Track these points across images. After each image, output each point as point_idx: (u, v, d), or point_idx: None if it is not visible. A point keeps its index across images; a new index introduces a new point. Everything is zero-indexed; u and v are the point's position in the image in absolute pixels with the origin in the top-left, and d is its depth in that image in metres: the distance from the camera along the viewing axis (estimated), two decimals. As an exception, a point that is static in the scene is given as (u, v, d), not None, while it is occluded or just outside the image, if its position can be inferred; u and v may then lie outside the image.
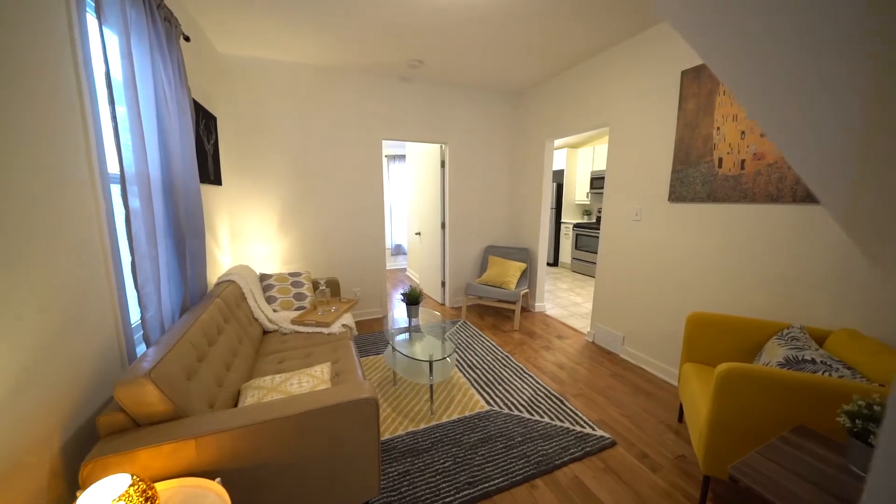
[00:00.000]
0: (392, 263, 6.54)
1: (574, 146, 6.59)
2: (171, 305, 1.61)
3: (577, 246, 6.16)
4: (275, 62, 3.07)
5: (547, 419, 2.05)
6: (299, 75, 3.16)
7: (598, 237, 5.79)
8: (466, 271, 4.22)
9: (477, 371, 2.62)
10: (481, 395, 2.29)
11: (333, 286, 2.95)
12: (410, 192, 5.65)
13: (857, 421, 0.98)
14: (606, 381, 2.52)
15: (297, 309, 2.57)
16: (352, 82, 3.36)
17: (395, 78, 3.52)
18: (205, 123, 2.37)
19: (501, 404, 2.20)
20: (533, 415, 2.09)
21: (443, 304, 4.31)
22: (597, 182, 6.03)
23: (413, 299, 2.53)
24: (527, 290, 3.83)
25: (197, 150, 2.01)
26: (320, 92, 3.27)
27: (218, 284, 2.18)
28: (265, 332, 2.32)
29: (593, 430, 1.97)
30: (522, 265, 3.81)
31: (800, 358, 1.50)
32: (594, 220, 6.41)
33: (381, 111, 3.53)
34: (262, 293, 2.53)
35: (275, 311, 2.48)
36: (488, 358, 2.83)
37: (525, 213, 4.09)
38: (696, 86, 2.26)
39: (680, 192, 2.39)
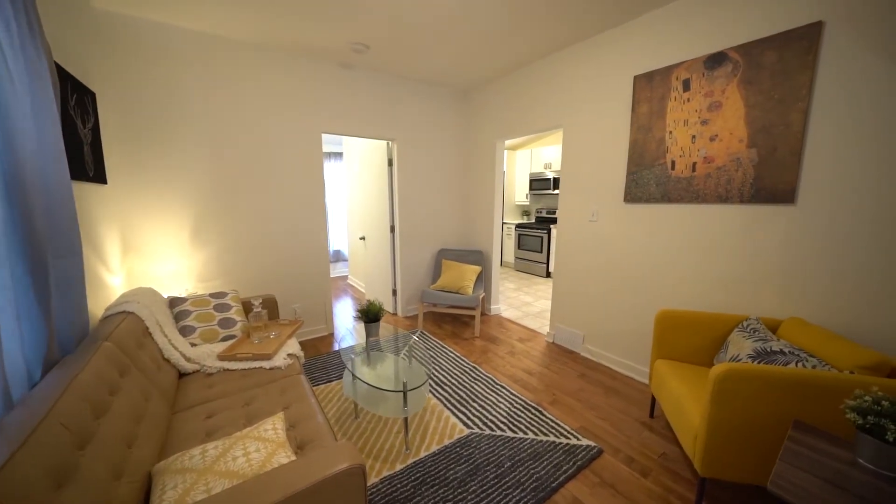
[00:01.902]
0: (332, 271, 5.94)
1: (513, 148, 6.76)
2: (25, 361, 1.08)
3: (519, 246, 6.31)
4: (180, 30, 2.45)
5: (531, 435, 1.92)
6: (215, 50, 2.58)
7: (540, 237, 6.04)
8: (419, 277, 3.96)
9: (447, 388, 2.39)
10: (457, 417, 2.07)
11: (270, 306, 2.46)
12: (351, 193, 5.19)
13: (868, 417, 0.99)
14: (576, 382, 2.50)
15: (225, 339, 2.06)
16: (285, 65, 2.87)
17: (336, 64, 3.11)
18: (77, 99, 1.74)
19: (481, 424, 2.01)
20: (516, 432, 1.95)
21: (395, 314, 3.99)
22: (536, 183, 6.25)
23: (372, 316, 2.21)
24: (483, 294, 3.73)
25: (66, 136, 1.44)
26: (245, 73, 2.72)
27: (107, 319, 1.60)
28: (182, 375, 1.79)
29: (578, 439, 1.89)
30: (477, 268, 3.69)
31: (768, 350, 1.58)
32: (534, 221, 6.65)
33: (321, 101, 3.09)
34: (173, 323, 1.96)
35: (193, 344, 1.94)
36: (456, 371, 2.62)
37: (477, 215, 3.99)
38: (649, 90, 2.34)
39: (635, 193, 2.47)
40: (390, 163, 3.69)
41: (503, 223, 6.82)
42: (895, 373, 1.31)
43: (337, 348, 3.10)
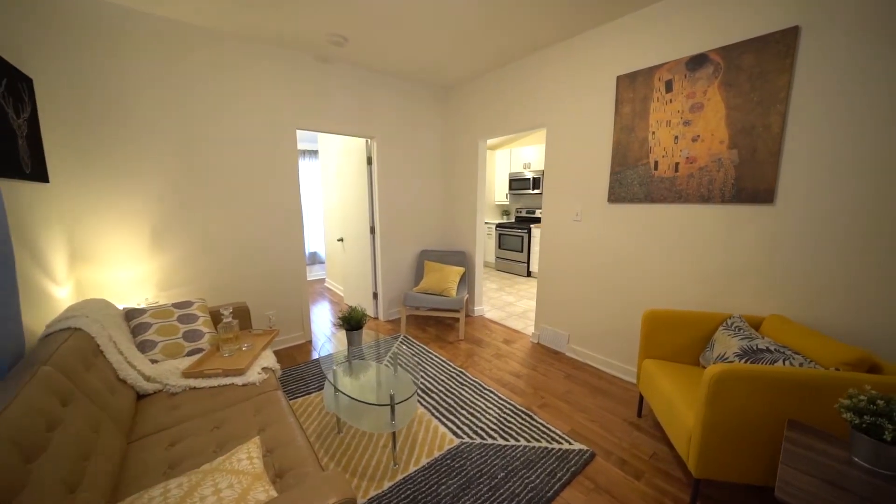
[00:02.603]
0: (308, 274, 5.70)
1: (492, 148, 6.75)
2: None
3: (500, 245, 6.31)
4: (138, 13, 2.22)
5: (523, 441, 1.87)
6: (179, 38, 2.36)
7: (520, 237, 6.06)
8: (401, 280, 3.85)
9: (434, 396, 2.30)
10: (446, 427, 1.99)
11: (242, 315, 2.28)
12: (327, 193, 4.99)
13: (864, 417, 1.00)
14: (563, 384, 2.48)
15: (192, 353, 1.88)
16: (257, 57, 2.68)
17: (313, 57, 2.95)
18: (7, 85, 1.52)
19: (471, 433, 1.94)
20: (507, 439, 1.89)
21: (376, 318, 3.85)
22: (515, 183, 6.26)
23: (355, 323, 2.09)
24: (467, 296, 3.67)
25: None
26: (213, 64, 2.51)
27: (48, 338, 1.39)
28: (142, 397, 1.60)
29: (570, 443, 1.86)
30: (461, 269, 3.63)
31: (754, 347, 1.60)
32: (514, 220, 6.67)
33: (296, 96, 2.92)
34: (130, 338, 1.76)
35: (154, 361, 1.75)
36: (442, 377, 2.54)
37: (460, 215, 3.92)
38: (632, 91, 2.35)
39: (619, 193, 2.48)
40: (370, 161, 3.55)
41: (484, 223, 6.79)
42: (875, 368, 1.35)
43: (316, 357, 2.94)
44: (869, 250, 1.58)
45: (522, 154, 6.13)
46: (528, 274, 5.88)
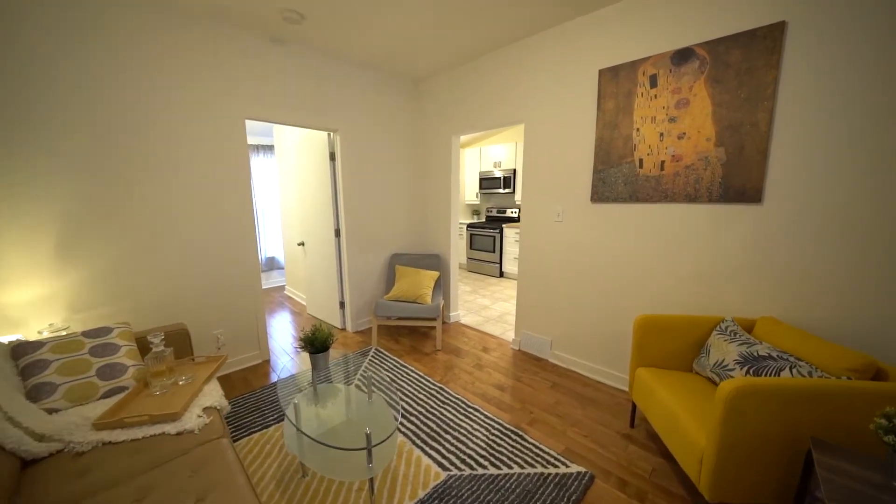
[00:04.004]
0: (264, 282, 5.18)
1: (461, 146, 6.58)
2: None
3: (471, 246, 6.16)
4: (22, -34, 1.76)
5: (516, 468, 1.69)
6: (96, 6, 1.91)
7: (492, 237, 5.94)
8: (370, 287, 3.54)
9: (414, 420, 2.06)
10: (431, 457, 1.76)
11: (180, 339, 1.89)
12: (285, 193, 4.54)
13: (907, 439, 0.90)
14: (550, 395, 2.34)
15: (110, 395, 1.49)
16: (197, 33, 2.27)
17: (265, 37, 2.57)
18: None
19: (459, 463, 1.72)
20: (500, 467, 1.69)
21: (343, 329, 3.52)
22: (486, 182, 6.14)
23: (320, 345, 1.79)
24: (443, 301, 3.45)
25: None
26: (140, 40, 2.07)
27: None
28: (31, 463, 1.21)
29: (567, 466, 1.70)
30: (435, 274, 3.40)
31: (755, 354, 1.53)
32: (485, 220, 6.55)
33: (246, 81, 2.53)
34: (15, 384, 1.35)
35: (53, 410, 1.35)
36: (421, 396, 2.30)
37: (433, 215, 3.69)
38: (615, 85, 2.25)
39: (602, 192, 2.38)
40: (332, 157, 3.22)
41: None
42: (880, 374, 1.31)
43: (275, 379, 2.58)
44: (861, 250, 1.56)
45: (492, 153, 6.02)
46: (501, 275, 5.78)
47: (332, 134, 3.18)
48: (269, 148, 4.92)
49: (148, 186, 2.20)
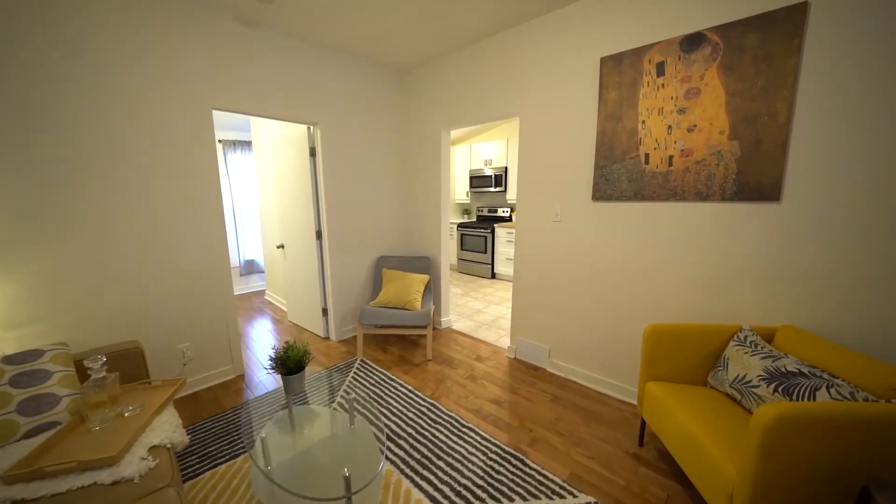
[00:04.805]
0: (243, 286, 4.90)
1: (451, 143, 6.37)
2: None
3: (462, 246, 5.97)
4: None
5: (518, 501, 1.50)
6: (9, -35, 1.64)
7: (483, 237, 5.76)
8: (356, 292, 3.31)
9: (403, 443, 1.85)
10: (422, 490, 1.55)
11: (132, 360, 1.64)
12: (263, 192, 4.26)
13: None
14: (550, 409, 2.16)
15: (32, 435, 1.24)
16: (155, 10, 2.00)
17: (234, 18, 2.32)
18: None
19: (454, 496, 1.52)
20: (500, 500, 1.50)
21: (327, 338, 3.28)
22: (476, 181, 5.95)
23: (294, 365, 1.57)
24: (434, 307, 3.25)
25: None
26: (84, 17, 1.80)
27: None
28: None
29: (574, 496, 1.52)
30: (425, 277, 3.19)
31: (782, 370, 1.38)
32: (475, 220, 6.37)
33: (213, 68, 2.27)
34: None
35: (-44, 458, 1.10)
36: (410, 415, 2.09)
37: (422, 215, 3.48)
38: (618, 74, 2.08)
39: (605, 190, 2.21)
40: (313, 152, 2.97)
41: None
42: (929, 393, 1.16)
43: (250, 397, 2.33)
44: (890, 251, 1.42)
45: (482, 150, 5.83)
46: (493, 276, 5.61)
47: (311, 128, 2.94)
48: (246, 144, 4.62)
49: (97, 183, 1.93)
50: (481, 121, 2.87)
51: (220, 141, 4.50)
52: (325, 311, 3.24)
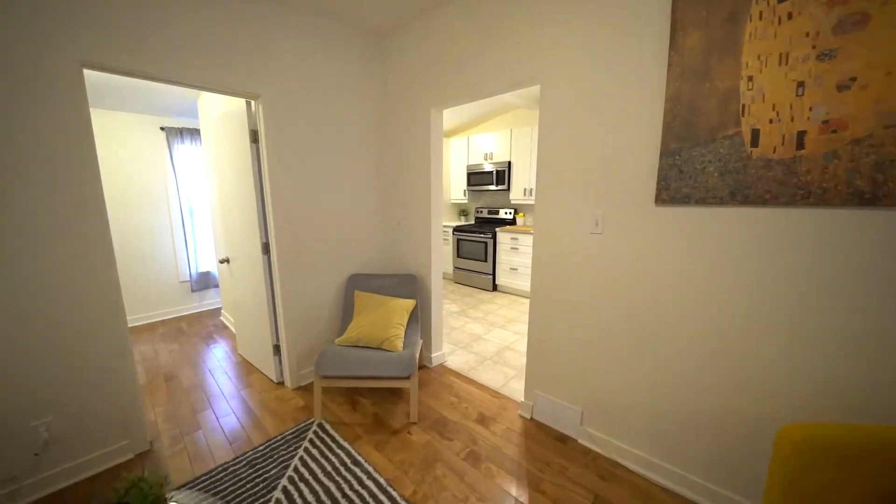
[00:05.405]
0: (195, 304, 4.10)
1: (446, 135, 5.60)
2: None
3: (458, 253, 5.20)
4: None
5: None
6: None
7: (483, 243, 4.97)
8: (318, 323, 2.53)
9: None
10: None
11: None
12: (210, 190, 3.47)
13: None
14: (595, 525, 1.40)
15: None
16: None
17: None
18: None
19: None
20: None
21: (281, 384, 2.49)
22: (474, 178, 5.18)
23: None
24: (422, 340, 2.48)
25: None
26: None
27: None
28: None
29: None
30: (409, 303, 2.42)
31: None
32: (473, 222, 5.61)
33: (86, 5, 1.48)
34: None
35: None
36: (378, 545, 1.32)
37: (407, 220, 2.71)
38: (704, 6, 1.32)
39: (677, 187, 1.44)
40: (254, 137, 2.18)
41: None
42: None
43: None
44: None
45: (481, 142, 5.06)
46: (494, 288, 4.85)
47: (252, 104, 2.15)
48: (196, 132, 3.80)
49: None
50: (485, 93, 2.09)
51: (162, 128, 3.69)
52: (276, 349, 2.45)
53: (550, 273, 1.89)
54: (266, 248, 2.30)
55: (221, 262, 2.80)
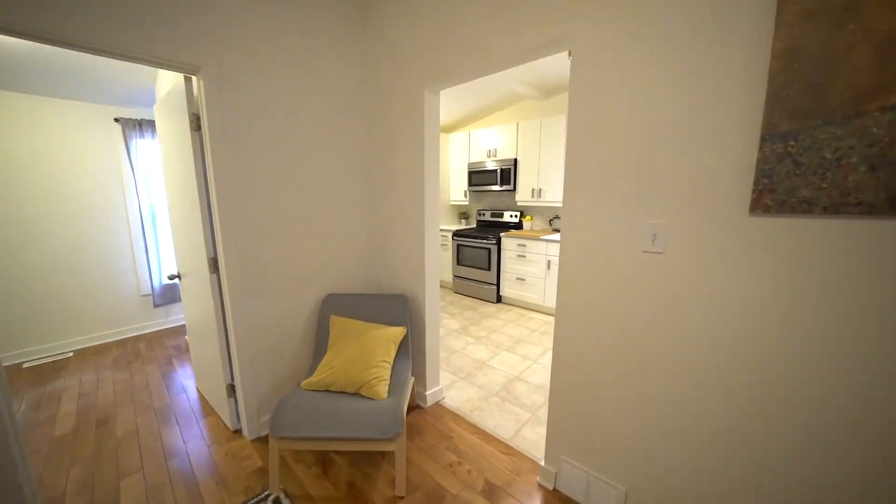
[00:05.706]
0: (160, 320, 3.61)
1: (444, 130, 5.12)
2: None
3: (459, 260, 4.72)
4: None
5: None
6: None
7: (486, 249, 4.46)
8: (285, 355, 2.04)
9: None
10: None
11: None
12: (164, 192, 2.97)
13: None
14: None
15: None
16: None
17: None
18: None
19: None
20: None
21: (237, 432, 2.01)
22: (475, 177, 4.71)
23: None
24: (413, 378, 1.99)
25: None
26: None
27: None
28: None
29: None
30: (398, 331, 1.94)
31: None
32: (475, 226, 5.13)
33: None
34: None
35: None
36: None
37: (396, 226, 2.22)
38: None
39: (791, 188, 0.96)
40: (196, 123, 1.70)
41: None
42: None
43: None
44: None
45: (484, 138, 4.58)
46: (499, 299, 4.37)
47: (193, 80, 1.66)
48: (148, 124, 3.30)
49: None
50: (494, 67, 1.60)
51: (117, 120, 3.20)
52: (231, 389, 1.96)
53: (584, 302, 1.41)
54: (214, 265, 1.82)
55: (171, 278, 2.31)
